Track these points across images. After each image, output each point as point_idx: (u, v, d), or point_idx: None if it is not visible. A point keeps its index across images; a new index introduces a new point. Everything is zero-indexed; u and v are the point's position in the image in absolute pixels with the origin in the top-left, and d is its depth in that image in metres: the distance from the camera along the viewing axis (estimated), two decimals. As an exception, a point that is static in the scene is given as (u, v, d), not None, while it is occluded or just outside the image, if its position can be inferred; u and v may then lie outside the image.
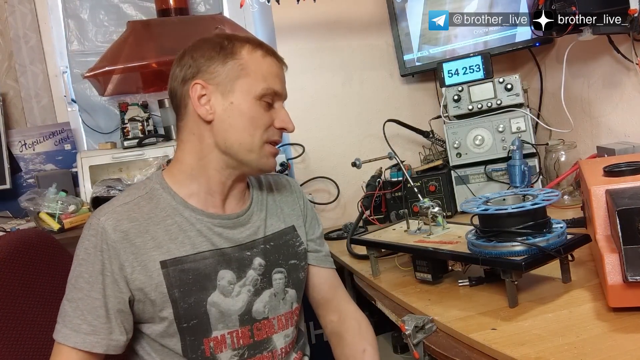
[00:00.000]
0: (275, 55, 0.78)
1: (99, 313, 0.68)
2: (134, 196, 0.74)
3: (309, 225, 0.89)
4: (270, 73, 0.76)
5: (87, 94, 1.61)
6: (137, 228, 0.70)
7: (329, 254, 0.91)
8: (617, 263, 0.61)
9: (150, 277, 0.70)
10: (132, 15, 1.65)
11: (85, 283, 0.68)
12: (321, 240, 0.91)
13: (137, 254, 0.69)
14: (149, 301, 0.70)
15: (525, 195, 0.77)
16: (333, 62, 1.57)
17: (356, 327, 0.84)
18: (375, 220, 1.33)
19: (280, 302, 0.79)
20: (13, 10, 1.51)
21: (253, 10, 1.68)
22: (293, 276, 0.82)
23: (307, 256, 0.86)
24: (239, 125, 0.73)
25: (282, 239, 0.82)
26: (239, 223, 0.78)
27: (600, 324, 0.61)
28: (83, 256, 0.69)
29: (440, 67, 1.36)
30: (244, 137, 0.74)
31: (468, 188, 1.29)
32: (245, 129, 0.74)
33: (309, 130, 1.55)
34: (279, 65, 0.79)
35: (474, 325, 0.66)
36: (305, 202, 0.90)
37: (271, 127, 0.76)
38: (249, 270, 0.77)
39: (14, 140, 1.49)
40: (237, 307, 0.75)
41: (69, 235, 1.22)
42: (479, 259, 0.72)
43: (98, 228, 0.69)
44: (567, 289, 0.73)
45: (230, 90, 0.73)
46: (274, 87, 0.76)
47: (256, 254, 0.78)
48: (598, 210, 0.69)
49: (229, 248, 0.76)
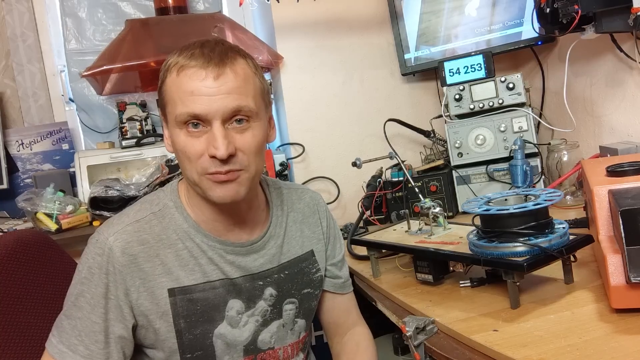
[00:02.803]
0: (197, 62, 0.62)
1: (98, 338, 0.64)
2: (146, 212, 0.69)
3: (331, 248, 0.84)
4: (184, 92, 0.62)
5: (85, 93, 1.61)
6: (147, 252, 0.67)
7: (348, 278, 0.86)
8: (620, 264, 0.61)
9: (157, 304, 0.67)
10: (130, 13, 1.64)
11: (86, 304, 0.65)
12: (342, 263, 0.86)
13: (144, 280, 0.66)
14: (152, 329, 0.67)
15: (527, 195, 0.76)
16: (333, 61, 1.56)
17: (354, 349, 0.82)
18: (376, 221, 1.32)
19: (288, 332, 0.76)
20: (10, 8, 1.50)
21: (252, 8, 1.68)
22: (305, 306, 0.78)
23: (322, 283, 0.81)
24: (178, 158, 0.67)
25: (297, 267, 0.77)
26: (252, 250, 0.73)
27: (603, 325, 0.60)
28: (86, 275, 0.65)
29: (441, 66, 1.35)
30: (184, 171, 0.67)
31: (469, 188, 1.29)
32: (181, 163, 0.66)
33: (309, 129, 1.55)
34: (202, 76, 0.61)
35: (476, 327, 0.66)
36: (329, 222, 0.84)
37: (204, 155, 0.63)
38: (259, 301, 0.73)
39: (11, 140, 1.48)
40: (243, 338, 0.71)
41: (66, 235, 1.21)
42: (481, 260, 0.71)
43: (105, 248, 0.65)
44: (569, 290, 0.72)
45: (167, 121, 0.67)
46: (188, 110, 0.62)
47: (268, 284, 0.74)
48: (601, 211, 0.69)
49: (240, 278, 0.71)
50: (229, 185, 0.64)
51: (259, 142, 0.66)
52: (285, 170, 1.42)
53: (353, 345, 0.83)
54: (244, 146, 0.64)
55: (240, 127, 0.64)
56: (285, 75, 1.53)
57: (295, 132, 1.54)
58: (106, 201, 1.27)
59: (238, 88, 0.63)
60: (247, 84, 0.65)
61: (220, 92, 0.62)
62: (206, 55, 0.63)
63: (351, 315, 0.86)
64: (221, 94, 0.62)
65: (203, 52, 0.63)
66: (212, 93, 0.62)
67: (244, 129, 0.65)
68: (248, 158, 0.65)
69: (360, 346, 0.83)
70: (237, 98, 0.63)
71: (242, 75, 0.64)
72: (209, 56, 0.63)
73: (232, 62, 0.64)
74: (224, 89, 0.62)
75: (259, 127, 0.66)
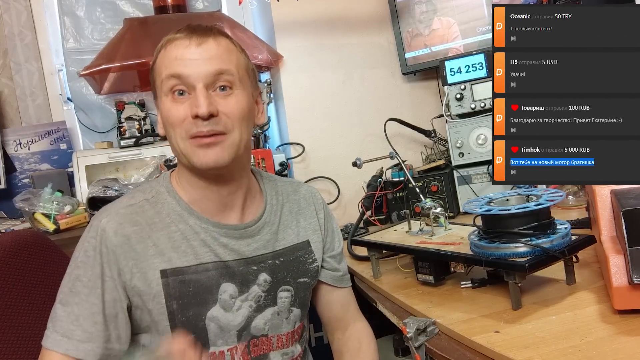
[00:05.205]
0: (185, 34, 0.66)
1: (97, 319, 0.65)
2: (139, 199, 0.71)
3: (329, 241, 0.83)
4: (169, 58, 0.66)
5: (83, 92, 1.60)
6: (140, 233, 0.67)
7: (346, 272, 0.86)
8: (622, 265, 0.61)
9: (149, 285, 0.67)
10: (129, 12, 1.63)
11: (84, 287, 0.65)
12: (340, 257, 0.85)
13: (137, 260, 0.67)
14: (147, 310, 0.68)
15: (529, 195, 0.75)
16: (333, 60, 1.56)
17: (356, 347, 0.82)
18: (377, 221, 1.32)
19: (283, 321, 0.76)
20: (8, 7, 1.50)
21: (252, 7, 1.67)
22: (300, 295, 0.77)
23: (318, 274, 0.81)
24: (165, 130, 0.68)
25: (293, 255, 0.77)
26: (246, 234, 0.73)
27: (605, 326, 0.60)
28: (82, 258, 0.66)
29: (442, 65, 1.35)
30: (170, 141, 0.68)
31: (471, 188, 1.28)
32: (168, 132, 0.68)
33: (309, 129, 1.54)
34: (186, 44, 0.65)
35: (477, 328, 0.65)
36: (326, 215, 0.84)
37: (187, 119, 0.65)
38: (253, 286, 0.73)
39: (9, 140, 1.48)
40: (236, 322, 0.71)
41: (64, 236, 1.20)
42: (482, 261, 0.71)
43: (98, 230, 0.67)
44: (571, 291, 0.72)
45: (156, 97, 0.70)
46: (173, 71, 0.65)
47: (263, 269, 0.74)
48: (603, 211, 0.69)
49: (234, 261, 0.71)
50: (212, 150, 0.65)
51: (243, 108, 0.67)
52: (285, 170, 1.42)
53: (355, 342, 0.83)
54: (226, 109, 0.66)
55: (223, 93, 0.66)
56: (285, 74, 1.53)
57: (295, 131, 1.54)
58: (104, 201, 1.26)
59: (220, 55, 0.66)
60: (230, 54, 0.68)
61: (202, 56, 0.65)
62: (191, 28, 0.67)
63: (350, 309, 0.86)
64: (203, 59, 0.65)
65: (188, 27, 0.68)
66: (195, 57, 0.65)
67: (227, 95, 0.67)
68: (232, 122, 0.66)
69: (362, 343, 0.83)
70: (219, 62, 0.66)
71: (225, 46, 0.68)
72: (193, 29, 0.67)
73: (215, 35, 0.68)
74: (206, 54, 0.65)
75: (242, 95, 0.68)
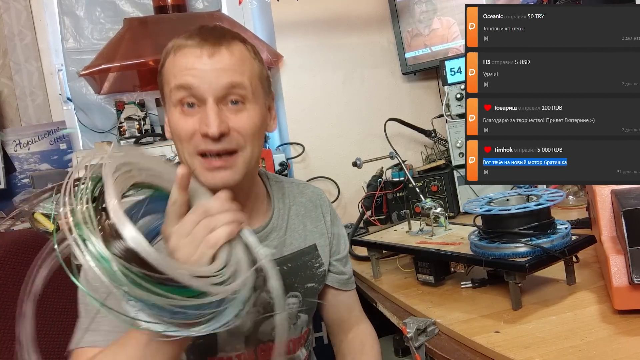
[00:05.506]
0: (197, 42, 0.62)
1: None
2: None
3: (336, 244, 0.83)
4: (179, 68, 0.62)
5: (82, 92, 1.60)
6: None
7: (352, 274, 0.86)
8: (622, 265, 0.60)
9: None
10: (128, 12, 1.63)
11: None
12: (346, 259, 0.85)
13: None
14: None
15: (529, 195, 0.75)
16: (333, 60, 1.56)
17: (359, 349, 0.82)
18: (377, 221, 1.32)
19: (290, 326, 0.75)
20: (7, 7, 1.50)
21: (252, 7, 1.67)
22: (307, 300, 0.77)
23: (325, 278, 0.81)
24: (173, 140, 0.66)
25: (300, 260, 0.76)
26: None
27: (605, 326, 0.60)
28: None
29: (442, 65, 1.35)
30: (178, 152, 0.65)
31: (471, 188, 1.28)
32: (175, 143, 0.65)
33: (309, 129, 1.54)
34: (197, 54, 0.61)
35: (477, 328, 0.65)
36: (332, 218, 0.83)
37: (196, 135, 0.62)
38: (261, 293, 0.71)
39: (9, 140, 1.48)
40: (245, 328, 0.70)
41: (64, 235, 1.20)
42: (482, 261, 0.71)
43: None
44: (571, 291, 0.72)
45: (165, 103, 0.67)
46: (182, 81, 0.61)
47: None
48: (603, 211, 0.68)
49: None
50: (223, 173, 0.63)
51: (255, 124, 0.64)
52: (285, 170, 1.42)
53: (358, 344, 0.83)
54: (238, 125, 0.63)
55: (234, 107, 0.63)
56: (285, 74, 1.53)
57: (295, 131, 1.54)
58: (104, 201, 1.26)
59: (232, 66, 0.62)
60: (243, 65, 0.64)
61: (214, 68, 0.61)
62: (203, 35, 0.63)
63: (354, 311, 0.85)
64: (215, 70, 0.61)
65: (200, 33, 0.63)
66: (206, 68, 0.61)
67: (238, 110, 0.63)
68: (244, 138, 0.63)
69: (365, 345, 0.82)
70: (230, 74, 0.62)
71: (238, 55, 0.64)
72: (205, 36, 0.63)
73: (228, 43, 0.63)
74: (219, 66, 0.62)
75: (255, 110, 0.65)
